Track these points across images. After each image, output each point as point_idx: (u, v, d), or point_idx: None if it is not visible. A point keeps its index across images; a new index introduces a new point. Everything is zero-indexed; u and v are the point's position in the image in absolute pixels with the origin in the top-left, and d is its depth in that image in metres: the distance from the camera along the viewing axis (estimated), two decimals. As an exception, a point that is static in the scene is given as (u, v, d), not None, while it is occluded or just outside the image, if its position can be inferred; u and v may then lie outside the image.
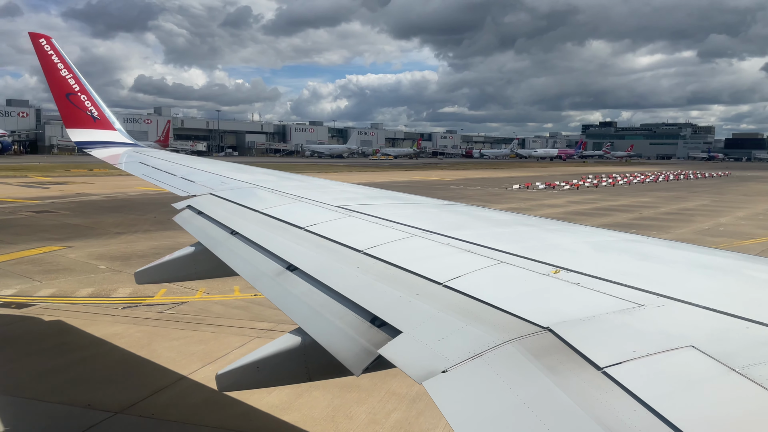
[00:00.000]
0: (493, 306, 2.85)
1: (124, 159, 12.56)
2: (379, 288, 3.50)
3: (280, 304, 3.93)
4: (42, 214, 31.33)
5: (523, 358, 2.35)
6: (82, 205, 36.18)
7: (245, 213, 6.21)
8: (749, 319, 2.37)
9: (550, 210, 38.95)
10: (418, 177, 76.10)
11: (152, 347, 11.67)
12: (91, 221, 29.06)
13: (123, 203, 36.75)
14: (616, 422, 1.84)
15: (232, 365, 3.90)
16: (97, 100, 13.76)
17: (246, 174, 9.49)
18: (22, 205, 35.84)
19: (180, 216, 7.11)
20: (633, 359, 2.14)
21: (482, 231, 4.63)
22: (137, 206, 34.88)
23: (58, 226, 27.32)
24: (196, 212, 6.92)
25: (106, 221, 29.04)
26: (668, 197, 52.59)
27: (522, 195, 51.33)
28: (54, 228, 26.55)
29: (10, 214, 31.37)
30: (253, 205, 6.38)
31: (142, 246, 22.50)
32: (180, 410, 9.05)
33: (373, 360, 2.91)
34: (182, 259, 6.71)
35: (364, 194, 7.12)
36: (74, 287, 16.25)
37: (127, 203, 36.71)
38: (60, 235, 24.45)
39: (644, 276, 3.05)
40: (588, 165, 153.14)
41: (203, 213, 6.72)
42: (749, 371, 1.96)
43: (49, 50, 13.02)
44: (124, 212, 32.50)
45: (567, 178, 71.67)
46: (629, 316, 2.53)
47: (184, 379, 10.18)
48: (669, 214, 38.32)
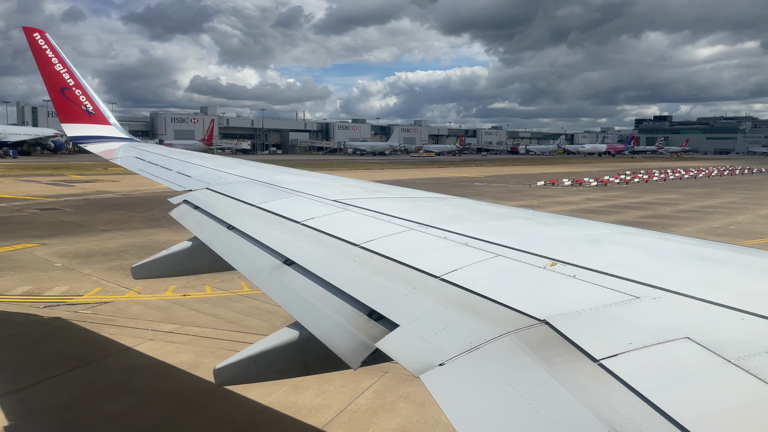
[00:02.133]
0: (489, 299, 2.86)
1: (120, 154, 12.51)
2: (376, 281, 3.51)
3: (277, 298, 3.93)
4: (46, 212, 31.47)
5: (520, 350, 2.36)
6: (91, 202, 36.25)
7: (242, 207, 6.21)
8: (744, 310, 2.38)
9: (561, 207, 38.00)
10: (445, 174, 74.43)
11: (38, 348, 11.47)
12: (85, 219, 29.06)
13: (133, 201, 36.57)
14: (612, 414, 1.85)
15: (230, 359, 3.90)
16: (92, 94, 13.70)
17: (242, 168, 9.47)
18: (36, 202, 36.04)
19: (176, 211, 7.09)
20: (629, 351, 2.15)
21: (479, 224, 4.64)
22: (144, 204, 34.78)
23: (51, 223, 27.38)
24: (192, 207, 6.90)
25: (101, 219, 29.04)
26: (698, 194, 50.55)
27: (542, 192, 50.14)
28: (44, 225, 26.64)
29: (15, 211, 31.51)
30: (250, 200, 6.37)
31: (115, 244, 22.50)
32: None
33: (370, 353, 2.92)
34: (179, 254, 6.70)
35: (362, 188, 7.11)
36: (13, 285, 16.16)
37: (136, 201, 36.52)
38: (43, 233, 24.55)
39: (640, 268, 3.06)
40: (636, 161, 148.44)
41: (200, 208, 6.71)
42: (745, 362, 1.97)
43: (43, 44, 12.94)
44: (126, 210, 32.48)
45: (606, 175, 68.80)
46: (625, 308, 2.54)
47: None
48: (685, 212, 36.66)
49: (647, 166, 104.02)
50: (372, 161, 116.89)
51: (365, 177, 63.78)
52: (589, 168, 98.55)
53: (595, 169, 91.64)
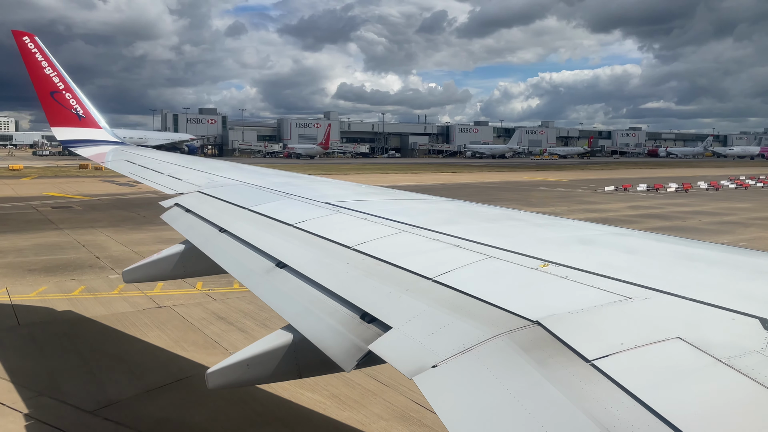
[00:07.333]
0: (482, 300, 2.86)
1: (110, 157, 12.44)
2: (368, 284, 3.50)
3: (269, 301, 3.92)
4: (56, 210, 32.44)
5: (513, 351, 2.36)
6: (113, 202, 36.92)
7: (234, 210, 6.18)
8: (735, 310, 2.40)
9: (587, 215, 34.79)
10: (518, 178, 71.99)
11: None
12: (73, 217, 29.86)
13: (147, 202, 35.73)
14: (604, 414, 1.86)
15: (222, 363, 3.88)
16: (83, 98, 13.61)
17: (234, 172, 9.44)
18: (65, 200, 37.29)
19: (167, 214, 7.05)
20: (621, 352, 2.16)
21: (471, 226, 4.64)
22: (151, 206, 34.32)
23: (35, 221, 28.23)
24: (183, 210, 6.87)
25: (86, 218, 29.63)
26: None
27: (592, 198, 46.29)
28: (25, 223, 27.42)
29: (28, 208, 32.51)
30: (242, 203, 6.34)
31: (53, 240, 22.90)
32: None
33: (363, 356, 2.91)
34: (171, 258, 6.65)
35: (354, 190, 7.11)
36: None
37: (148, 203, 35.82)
38: (9, 229, 25.23)
39: (631, 269, 3.08)
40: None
41: (191, 211, 6.68)
42: (735, 362, 1.98)
43: (32, 48, 12.84)
44: (129, 210, 32.81)
45: (717, 179, 60.82)
46: (617, 309, 2.55)
47: None
48: (723, 224, 31.70)
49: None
50: (469, 164, 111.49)
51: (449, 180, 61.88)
52: (718, 172, 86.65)
53: (719, 173, 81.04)
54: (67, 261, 19.27)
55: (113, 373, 10.23)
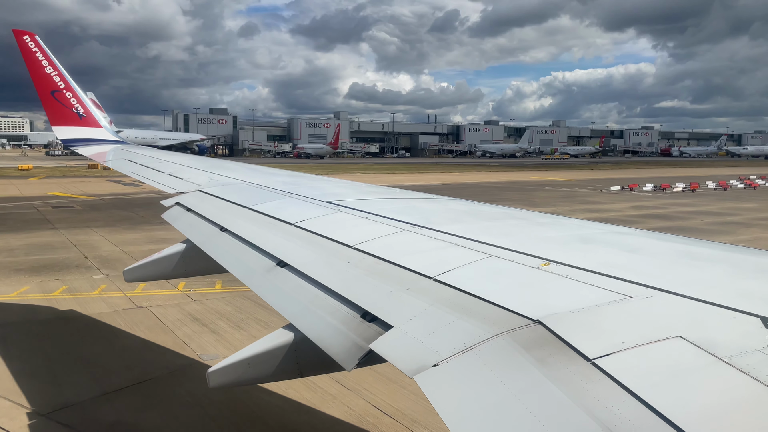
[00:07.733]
0: (483, 299, 2.86)
1: (111, 156, 12.45)
2: (369, 283, 3.50)
3: (270, 300, 3.92)
4: (56, 209, 32.61)
5: (514, 350, 2.36)
6: (115, 202, 37.00)
7: (234, 209, 6.18)
8: (736, 309, 2.40)
9: (588, 215, 33.84)
10: (525, 178, 71.13)
11: None
12: (71, 217, 30.03)
13: (148, 202, 35.80)
14: (606, 413, 1.86)
15: (223, 362, 3.88)
16: (83, 97, 13.62)
17: (234, 171, 9.44)
18: (67, 199, 37.56)
19: (168, 213, 7.06)
20: (622, 350, 2.16)
21: (472, 225, 4.64)
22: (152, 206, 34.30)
23: (33, 220, 28.38)
24: (184, 209, 6.87)
25: (83, 218, 29.70)
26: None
27: (596, 198, 45.81)
28: (22, 222, 27.60)
29: (29, 208, 32.69)
30: (243, 202, 6.35)
31: (46, 239, 22.99)
32: None
33: (364, 355, 2.91)
34: (171, 257, 6.66)
35: (355, 190, 7.11)
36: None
37: (149, 203, 35.87)
38: (5, 229, 25.37)
39: (632, 268, 3.07)
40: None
41: (192, 210, 6.68)
42: (736, 361, 1.98)
43: (33, 47, 12.85)
44: (129, 209, 32.88)
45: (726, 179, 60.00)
46: (618, 307, 2.55)
47: None
48: (725, 224, 31.54)
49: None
50: (480, 164, 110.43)
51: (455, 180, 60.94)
52: (728, 171, 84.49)
53: (728, 173, 78.43)
54: (55, 261, 19.21)
55: (75, 375, 10.17)
